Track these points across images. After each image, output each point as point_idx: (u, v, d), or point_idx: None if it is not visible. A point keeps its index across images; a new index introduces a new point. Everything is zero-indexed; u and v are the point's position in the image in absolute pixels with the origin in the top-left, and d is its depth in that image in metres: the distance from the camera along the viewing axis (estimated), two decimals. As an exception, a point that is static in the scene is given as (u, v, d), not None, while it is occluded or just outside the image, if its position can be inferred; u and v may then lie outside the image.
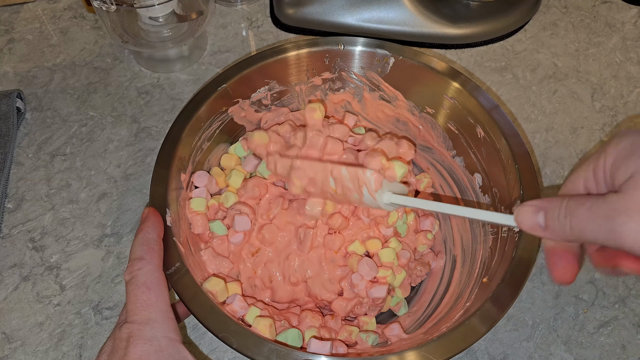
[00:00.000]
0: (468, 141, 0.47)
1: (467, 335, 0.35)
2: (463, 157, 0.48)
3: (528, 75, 0.63)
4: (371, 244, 0.45)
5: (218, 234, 0.44)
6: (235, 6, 0.69)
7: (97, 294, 0.48)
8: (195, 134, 0.45)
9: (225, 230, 0.44)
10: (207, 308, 0.35)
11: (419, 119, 0.50)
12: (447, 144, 0.49)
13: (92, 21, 0.67)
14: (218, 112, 0.47)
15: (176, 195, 0.42)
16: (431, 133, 0.50)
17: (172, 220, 0.39)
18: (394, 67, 0.48)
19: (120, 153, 0.56)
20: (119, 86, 0.61)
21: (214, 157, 0.48)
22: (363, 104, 0.52)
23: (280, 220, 0.45)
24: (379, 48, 0.48)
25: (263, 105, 0.50)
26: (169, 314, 0.33)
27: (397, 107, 0.51)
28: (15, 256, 0.50)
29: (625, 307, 0.48)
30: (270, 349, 0.33)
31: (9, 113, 0.56)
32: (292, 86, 0.51)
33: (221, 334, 0.34)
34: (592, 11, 0.70)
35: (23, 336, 0.46)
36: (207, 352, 0.45)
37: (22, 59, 0.63)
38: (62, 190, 0.54)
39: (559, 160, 0.56)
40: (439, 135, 0.50)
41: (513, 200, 0.41)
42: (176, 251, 0.38)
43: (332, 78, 0.51)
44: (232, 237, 0.44)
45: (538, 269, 0.50)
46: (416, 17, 0.62)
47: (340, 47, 0.48)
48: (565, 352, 0.46)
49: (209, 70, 0.63)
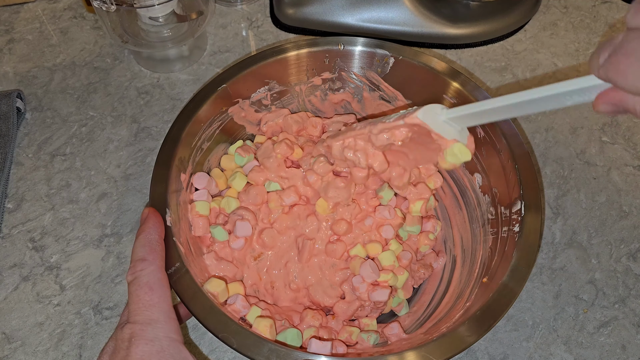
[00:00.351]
0: None
1: (467, 335, 0.35)
2: None
3: (528, 75, 0.63)
4: (372, 247, 0.45)
5: (219, 240, 0.44)
6: (235, 6, 0.69)
7: (97, 294, 0.48)
8: (195, 134, 0.45)
9: (226, 236, 0.44)
10: (207, 308, 0.35)
11: (419, 119, 0.50)
12: (447, 144, 0.49)
13: (92, 21, 0.67)
14: (218, 112, 0.47)
15: (176, 196, 0.42)
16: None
17: (171, 220, 0.39)
18: (394, 67, 0.48)
19: (120, 153, 0.56)
20: (119, 86, 0.61)
21: (213, 157, 0.48)
22: (363, 104, 0.52)
23: (281, 225, 0.45)
24: (379, 48, 0.48)
25: (263, 105, 0.50)
26: (171, 314, 0.33)
27: (396, 107, 0.51)
28: (15, 256, 0.50)
29: (625, 307, 0.48)
30: (270, 349, 0.33)
31: (9, 113, 0.56)
32: (292, 86, 0.51)
33: (221, 334, 0.34)
34: (592, 11, 0.70)
35: (23, 336, 0.46)
36: (207, 352, 0.45)
37: (22, 59, 0.63)
38: (62, 190, 0.54)
39: (559, 160, 0.56)
40: (438, 136, 0.50)
41: (513, 200, 0.41)
42: (176, 251, 0.38)
43: (332, 78, 0.51)
44: (234, 243, 0.44)
45: (538, 269, 0.50)
46: (416, 17, 0.62)
47: (340, 47, 0.48)
48: (565, 352, 0.46)
49: (209, 70, 0.63)
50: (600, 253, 0.51)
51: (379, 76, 0.50)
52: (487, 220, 0.45)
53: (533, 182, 0.41)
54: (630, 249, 0.51)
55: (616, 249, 0.51)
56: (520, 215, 0.39)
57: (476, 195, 0.47)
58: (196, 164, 0.46)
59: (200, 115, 0.45)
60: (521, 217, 0.39)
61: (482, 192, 0.46)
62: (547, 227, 0.52)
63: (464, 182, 0.49)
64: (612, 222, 0.53)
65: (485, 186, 0.46)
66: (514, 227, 0.40)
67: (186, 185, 0.44)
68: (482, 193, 0.46)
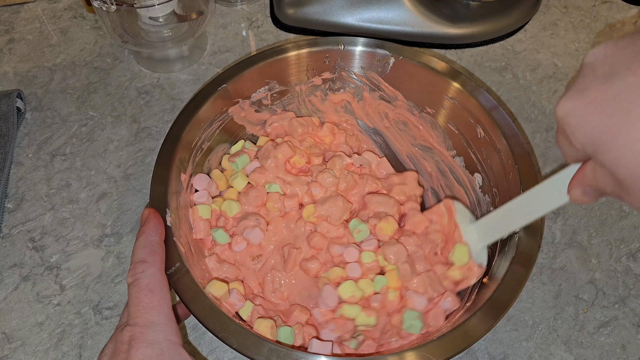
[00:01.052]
0: (468, 141, 0.47)
1: (467, 335, 0.35)
2: (463, 157, 0.48)
3: (528, 75, 0.63)
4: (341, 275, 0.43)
5: (220, 243, 0.44)
6: (235, 6, 0.69)
7: (97, 294, 0.48)
8: (196, 134, 0.45)
9: (227, 239, 0.44)
10: (207, 308, 0.35)
11: (419, 119, 0.50)
12: (447, 144, 0.49)
13: (92, 21, 0.67)
14: (218, 112, 0.47)
15: (176, 197, 0.42)
16: (431, 133, 0.50)
17: (172, 220, 0.39)
18: (394, 67, 0.49)
19: (120, 153, 0.56)
20: (119, 86, 0.61)
21: (214, 157, 0.48)
22: (363, 104, 0.52)
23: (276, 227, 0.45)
24: (379, 48, 0.48)
25: (263, 105, 0.50)
26: (170, 317, 0.33)
27: (397, 107, 0.51)
28: (15, 256, 0.50)
29: (625, 307, 0.48)
30: (270, 349, 0.33)
31: (9, 113, 0.56)
32: (292, 86, 0.51)
33: (221, 334, 0.34)
34: (592, 11, 0.70)
35: (23, 336, 0.46)
36: (207, 352, 0.45)
37: (22, 59, 0.63)
38: (62, 190, 0.54)
39: (559, 160, 0.56)
40: (439, 135, 0.50)
41: None
42: (176, 251, 0.38)
43: (332, 78, 0.51)
44: (236, 246, 0.44)
45: (538, 269, 0.50)
46: (416, 17, 0.62)
47: (341, 47, 0.48)
48: (565, 352, 0.46)
49: (209, 70, 0.63)
50: (601, 253, 0.51)
51: (379, 76, 0.50)
52: None
53: (533, 183, 0.41)
54: (630, 249, 0.51)
55: (616, 249, 0.51)
56: None
57: (476, 195, 0.47)
58: (196, 164, 0.46)
59: (201, 115, 0.45)
60: None
61: (482, 192, 0.46)
62: (547, 227, 0.52)
63: (465, 182, 0.49)
64: (612, 222, 0.53)
65: (485, 186, 0.46)
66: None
67: (186, 186, 0.44)
68: (482, 193, 0.46)
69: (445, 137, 0.49)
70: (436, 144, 0.50)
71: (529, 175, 0.41)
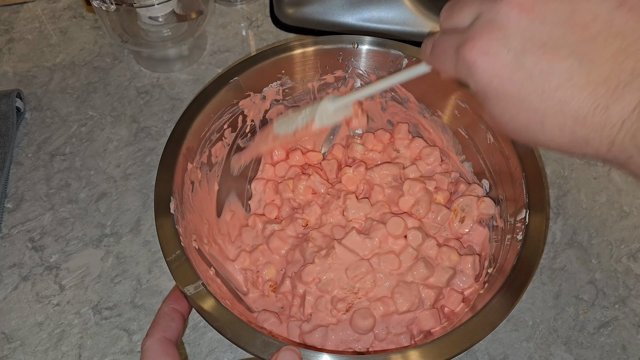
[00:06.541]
0: (477, 147, 0.47)
1: (467, 336, 0.34)
2: (472, 162, 0.48)
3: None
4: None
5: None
6: (235, 6, 0.69)
7: (96, 294, 0.48)
8: (205, 124, 0.45)
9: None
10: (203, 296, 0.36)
11: (430, 121, 0.50)
12: (457, 148, 0.49)
13: (91, 21, 0.67)
14: (229, 104, 0.46)
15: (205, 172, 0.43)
16: (441, 136, 0.50)
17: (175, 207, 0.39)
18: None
19: (120, 153, 0.56)
20: (119, 86, 0.61)
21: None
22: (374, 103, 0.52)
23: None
24: (393, 49, 0.48)
25: (274, 100, 0.50)
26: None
27: (408, 109, 0.51)
28: (15, 256, 0.50)
29: (626, 307, 0.48)
30: (264, 341, 0.34)
31: (9, 113, 0.56)
32: (304, 83, 0.50)
33: (215, 324, 0.34)
34: (592, 11, 0.70)
35: (22, 336, 0.46)
36: (207, 352, 0.45)
37: (22, 58, 0.63)
38: (61, 190, 0.53)
39: (559, 160, 0.56)
40: (448, 139, 0.50)
41: (518, 208, 0.41)
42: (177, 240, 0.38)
43: (345, 76, 0.50)
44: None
45: (538, 269, 0.50)
46: (416, 17, 0.62)
47: (355, 46, 0.48)
48: (565, 352, 0.46)
49: (209, 70, 0.63)
50: (601, 253, 0.51)
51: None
52: (492, 227, 0.45)
53: (540, 192, 0.40)
54: (631, 249, 0.51)
55: (616, 249, 0.51)
56: (525, 223, 0.39)
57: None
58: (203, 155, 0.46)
59: (211, 106, 0.45)
60: (525, 225, 0.39)
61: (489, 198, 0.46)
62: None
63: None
64: (612, 222, 0.52)
65: (492, 192, 0.46)
66: (517, 235, 0.39)
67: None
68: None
69: (455, 142, 0.49)
70: (445, 148, 0.50)
71: (537, 185, 0.41)
